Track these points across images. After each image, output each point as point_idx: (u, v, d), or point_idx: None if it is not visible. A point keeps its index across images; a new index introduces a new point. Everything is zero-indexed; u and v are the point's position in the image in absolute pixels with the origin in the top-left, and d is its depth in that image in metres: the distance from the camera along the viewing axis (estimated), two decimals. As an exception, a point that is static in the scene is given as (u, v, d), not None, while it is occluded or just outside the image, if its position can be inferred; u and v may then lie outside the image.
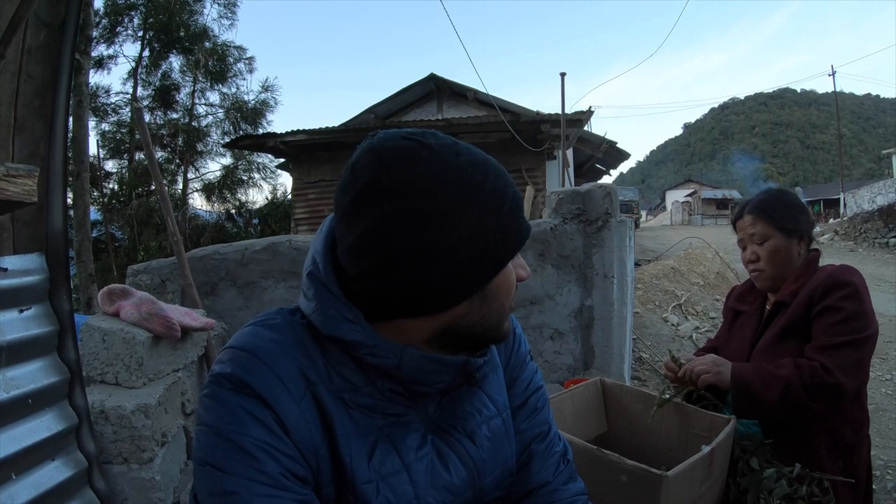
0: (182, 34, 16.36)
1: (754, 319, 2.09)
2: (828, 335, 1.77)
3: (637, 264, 9.88)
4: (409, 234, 0.79)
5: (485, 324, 0.90)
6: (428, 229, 0.79)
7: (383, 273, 0.82)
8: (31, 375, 1.91)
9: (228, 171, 17.63)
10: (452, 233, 0.80)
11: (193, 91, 17.31)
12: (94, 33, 12.54)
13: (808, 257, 1.99)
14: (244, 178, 17.90)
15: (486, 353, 0.99)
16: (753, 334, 2.04)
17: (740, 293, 2.23)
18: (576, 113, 13.04)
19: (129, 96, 16.45)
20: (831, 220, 28.57)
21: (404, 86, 15.83)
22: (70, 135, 2.31)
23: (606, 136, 15.75)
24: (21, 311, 1.93)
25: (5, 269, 1.88)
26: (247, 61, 17.63)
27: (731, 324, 2.21)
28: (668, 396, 1.89)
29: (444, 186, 0.80)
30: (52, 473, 1.91)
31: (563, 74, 15.28)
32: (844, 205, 32.08)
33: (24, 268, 1.97)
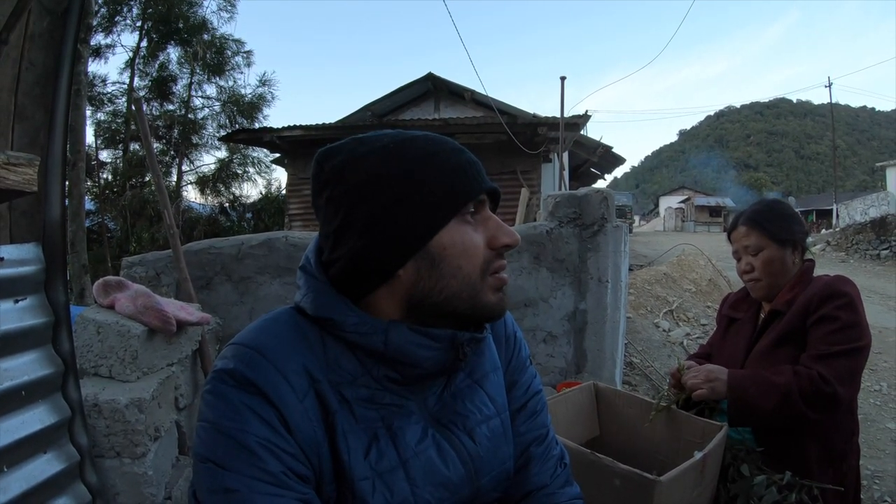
0: (181, 25, 16.22)
1: (749, 327, 2.10)
2: (824, 344, 1.79)
3: (630, 269, 9.91)
4: (342, 212, 0.90)
5: (446, 291, 0.91)
6: (353, 203, 0.89)
7: (336, 250, 0.91)
8: (25, 367, 1.90)
9: (223, 165, 17.50)
10: (371, 202, 0.88)
11: (190, 83, 17.14)
12: (93, 22, 12.45)
13: (803, 267, 2.02)
14: (239, 171, 17.80)
15: (479, 329, 1.00)
16: (748, 342, 2.06)
17: (735, 301, 2.24)
18: (573, 117, 13.01)
19: (125, 86, 16.30)
20: (823, 231, 28.72)
21: (401, 84, 15.82)
22: (68, 124, 2.29)
23: (602, 141, 15.79)
24: (16, 301, 1.91)
25: (1, 259, 1.87)
26: (245, 55, 17.50)
27: (726, 331, 2.22)
28: (664, 404, 1.90)
29: (357, 166, 0.90)
30: (44, 466, 1.90)
31: (563, 78, 15.27)
32: (837, 216, 32.30)
33: (20, 258, 1.95)
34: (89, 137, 15.02)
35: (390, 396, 0.92)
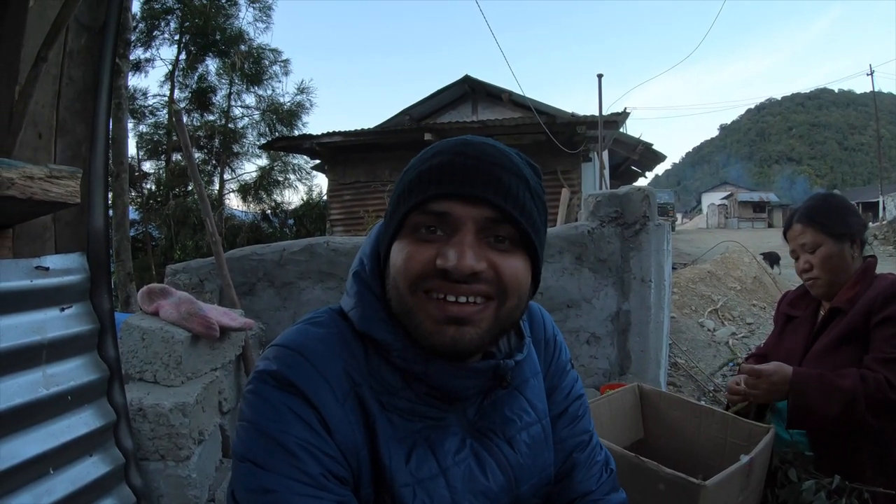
0: (218, 37, 16.51)
1: (807, 325, 2.02)
2: (890, 346, 1.70)
3: (673, 268, 9.76)
4: None
5: (393, 306, 0.89)
6: None
7: None
8: (72, 373, 1.95)
9: (264, 172, 17.75)
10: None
11: (230, 93, 17.45)
12: (132, 37, 12.76)
13: (864, 264, 1.93)
14: (280, 179, 18.03)
15: (519, 350, 0.98)
16: (806, 341, 1.98)
17: (793, 298, 2.16)
18: (611, 114, 12.89)
19: (166, 99, 16.68)
20: (870, 224, 27.94)
21: (439, 87, 15.85)
22: (110, 136, 2.35)
23: (642, 138, 15.60)
24: (62, 309, 1.96)
25: (47, 269, 1.91)
26: (282, 64, 17.76)
27: (783, 329, 2.14)
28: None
29: None
30: (90, 469, 1.94)
31: (600, 76, 15.13)
32: (884, 208, 31.41)
33: (65, 267, 2.00)
34: (132, 149, 15.42)
35: (430, 410, 0.91)
